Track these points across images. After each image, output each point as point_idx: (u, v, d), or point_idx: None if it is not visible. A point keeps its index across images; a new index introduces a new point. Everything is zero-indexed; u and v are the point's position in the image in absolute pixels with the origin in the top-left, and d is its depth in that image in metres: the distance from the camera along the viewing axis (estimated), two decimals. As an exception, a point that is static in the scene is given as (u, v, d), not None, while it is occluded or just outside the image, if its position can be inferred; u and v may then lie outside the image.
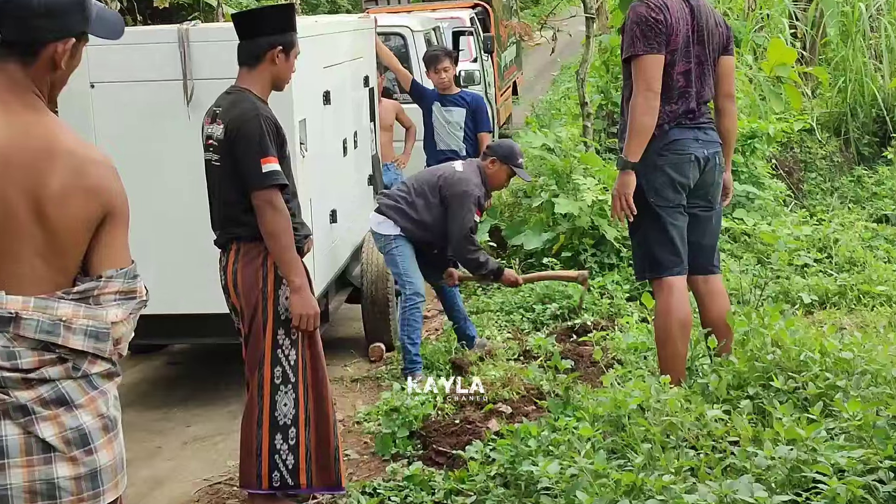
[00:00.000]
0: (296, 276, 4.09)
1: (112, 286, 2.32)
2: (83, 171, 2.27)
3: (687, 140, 4.72)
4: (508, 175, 6.09)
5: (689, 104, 4.71)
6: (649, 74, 4.59)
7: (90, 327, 2.29)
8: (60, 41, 2.31)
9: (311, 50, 5.49)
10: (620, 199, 4.70)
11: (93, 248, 2.33)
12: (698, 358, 4.84)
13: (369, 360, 6.62)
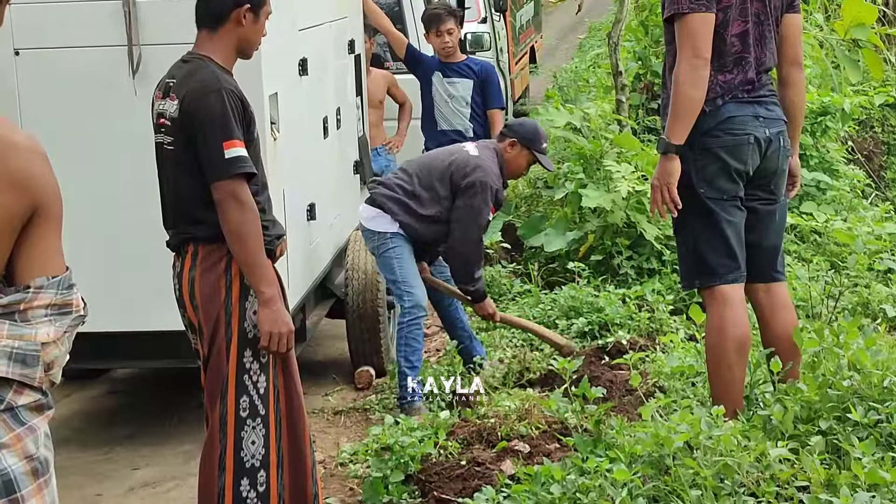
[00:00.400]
0: (265, 285, 4.08)
1: (42, 298, 2.30)
2: (3, 158, 2.26)
3: (745, 117, 4.71)
4: (529, 161, 6.16)
5: (746, 73, 4.71)
6: (697, 37, 4.59)
7: (16, 350, 2.26)
8: None
9: (284, 8, 5.50)
10: (662, 191, 4.69)
11: (18, 251, 2.31)
12: (759, 384, 4.84)
13: (356, 387, 6.63)
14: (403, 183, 6.10)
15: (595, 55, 16.93)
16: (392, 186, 6.12)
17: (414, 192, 6.04)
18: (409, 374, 5.93)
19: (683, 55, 4.60)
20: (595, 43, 20.04)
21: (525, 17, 15.54)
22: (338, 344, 7.31)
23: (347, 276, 6.63)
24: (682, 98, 4.60)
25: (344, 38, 6.99)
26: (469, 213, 5.91)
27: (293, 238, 5.61)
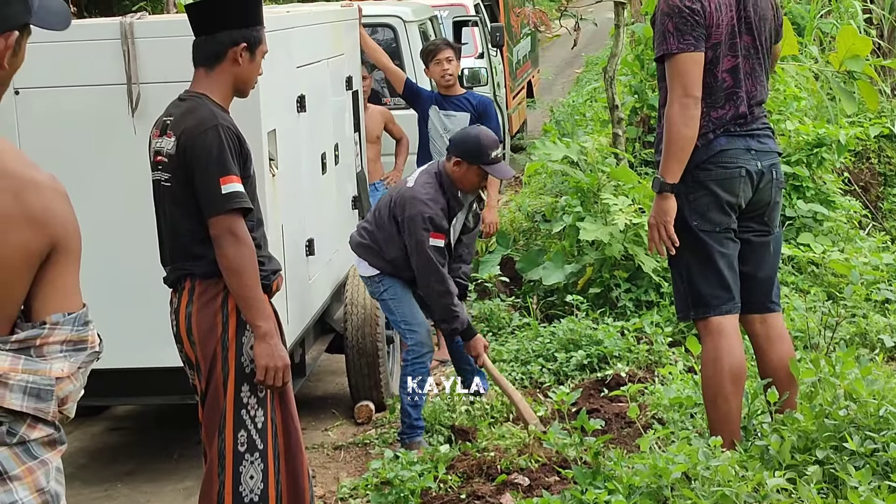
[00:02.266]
0: (261, 320, 4.11)
1: (58, 334, 2.33)
2: (23, 196, 2.30)
3: (737, 150, 4.75)
4: (479, 175, 5.89)
5: (738, 108, 4.75)
6: (687, 77, 4.63)
7: (31, 384, 2.28)
8: (1, 36, 2.34)
9: (282, 46, 5.55)
10: (659, 229, 4.74)
11: (36, 288, 2.34)
12: (756, 415, 4.85)
13: (355, 422, 6.63)
14: (367, 226, 6.07)
15: (592, 89, 16.99)
16: (360, 232, 6.11)
17: (375, 236, 5.99)
18: (411, 411, 5.93)
19: (674, 95, 4.64)
20: (592, 77, 20.13)
21: (522, 52, 15.62)
22: (337, 379, 7.31)
23: (346, 310, 6.64)
24: (674, 137, 4.64)
25: (341, 75, 7.04)
26: (414, 249, 5.81)
27: (292, 273, 5.63)
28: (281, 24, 5.78)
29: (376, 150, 8.34)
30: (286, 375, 4.17)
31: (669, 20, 4.64)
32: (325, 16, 6.97)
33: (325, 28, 6.83)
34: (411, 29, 9.44)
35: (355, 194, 7.27)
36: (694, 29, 4.63)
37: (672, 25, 4.63)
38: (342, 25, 7.18)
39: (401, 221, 5.87)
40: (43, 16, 2.44)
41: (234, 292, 4.10)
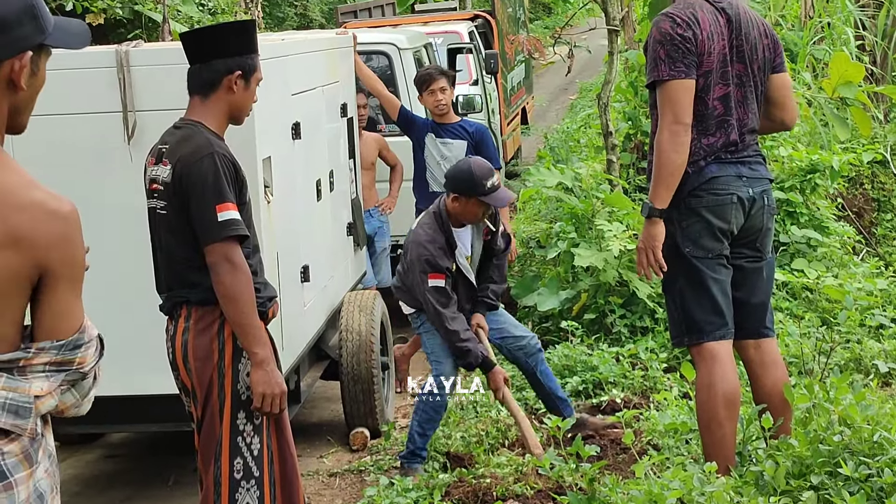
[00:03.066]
0: (258, 346, 4.12)
1: (41, 357, 2.39)
2: (14, 217, 2.32)
3: (728, 177, 4.77)
4: (479, 207, 5.92)
5: (729, 135, 4.77)
6: (677, 104, 4.66)
7: (9, 401, 2.34)
8: (16, 57, 2.40)
9: (277, 74, 5.57)
10: (647, 254, 4.77)
11: (33, 310, 2.40)
12: (751, 440, 4.86)
13: (350, 449, 6.62)
14: (400, 270, 6.20)
15: (586, 116, 17.08)
16: (397, 275, 6.26)
17: (403, 278, 6.12)
18: (417, 438, 5.93)
19: (664, 121, 4.67)
20: (585, 104, 20.20)
21: (516, 78, 15.68)
22: (332, 405, 7.31)
23: (341, 337, 6.65)
24: (664, 163, 4.67)
25: (336, 102, 7.06)
26: (417, 291, 5.94)
27: (287, 300, 5.64)
28: (276, 51, 5.81)
29: (371, 177, 8.37)
30: (283, 402, 4.18)
31: (661, 47, 4.67)
32: (319, 43, 6.99)
33: (320, 55, 6.86)
34: (406, 56, 9.48)
35: (350, 221, 7.29)
36: (685, 56, 4.66)
37: (664, 52, 4.66)
38: (337, 53, 7.21)
39: (406, 264, 6.02)
40: (59, 36, 2.49)
41: (231, 319, 4.12)
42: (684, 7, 4.73)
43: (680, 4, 4.76)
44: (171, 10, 11.60)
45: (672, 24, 4.68)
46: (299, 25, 21.06)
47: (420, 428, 5.94)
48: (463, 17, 13.64)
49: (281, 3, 21.63)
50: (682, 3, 4.76)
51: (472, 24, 13.06)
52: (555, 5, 37.60)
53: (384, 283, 8.57)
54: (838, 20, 13.42)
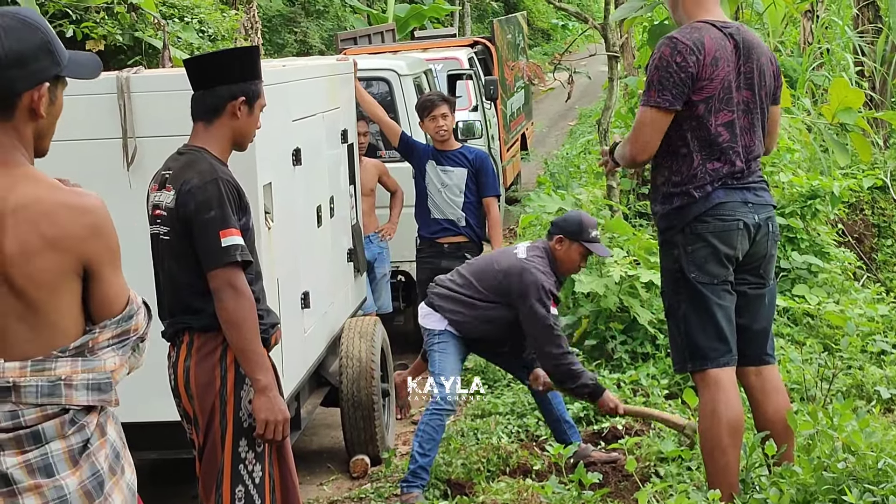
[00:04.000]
0: (261, 373, 4.11)
1: (104, 334, 2.73)
2: (43, 222, 2.62)
3: (734, 203, 4.78)
4: (581, 253, 6.15)
5: (734, 163, 4.77)
6: (646, 136, 4.75)
7: (92, 381, 2.70)
8: (34, 89, 2.69)
9: (278, 100, 5.57)
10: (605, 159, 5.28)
11: (87, 298, 2.70)
12: (754, 467, 4.84)
13: (351, 476, 6.61)
14: (455, 285, 6.23)
15: (585, 141, 17.11)
16: (446, 286, 6.26)
17: (465, 293, 6.16)
18: (418, 458, 5.92)
19: (630, 146, 4.84)
20: (585, 129, 20.25)
21: (515, 104, 15.72)
22: (332, 432, 7.29)
23: (342, 363, 6.63)
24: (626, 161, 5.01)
25: (337, 128, 7.07)
26: (531, 320, 5.95)
27: (287, 326, 5.62)
28: (277, 77, 5.82)
29: (371, 203, 8.38)
30: (286, 429, 4.17)
31: (656, 72, 4.70)
32: (320, 69, 7.01)
33: (321, 82, 6.88)
34: (406, 82, 9.50)
35: (350, 247, 7.29)
36: (675, 86, 4.66)
37: (656, 77, 4.69)
38: (338, 79, 7.23)
39: (515, 294, 6.00)
40: (73, 68, 2.80)
41: (234, 345, 4.11)
42: (690, 31, 4.74)
43: (687, 29, 4.77)
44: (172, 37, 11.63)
45: (672, 50, 4.68)
46: (299, 52, 21.11)
47: (421, 448, 5.94)
48: (463, 44, 13.68)
49: (281, 30, 21.68)
50: (690, 27, 4.77)
51: (471, 50, 13.10)
52: (554, 32, 37.80)
53: (384, 310, 8.56)
54: (837, 46, 13.49)
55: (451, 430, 6.62)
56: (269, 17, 21.46)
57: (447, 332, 6.15)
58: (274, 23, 21.66)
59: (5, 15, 2.69)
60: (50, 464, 2.64)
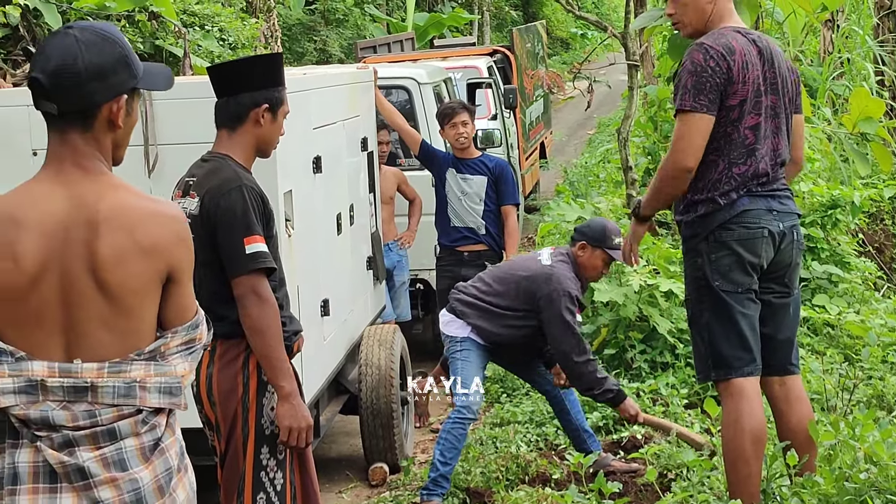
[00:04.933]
0: (284, 380, 4.11)
1: (175, 340, 2.84)
2: (137, 229, 2.76)
3: (759, 211, 4.76)
4: (604, 260, 6.15)
5: (758, 165, 4.75)
6: (689, 141, 4.70)
7: (163, 384, 2.80)
8: (113, 101, 2.81)
9: (299, 108, 5.58)
10: (631, 246, 5.10)
11: (163, 304, 2.82)
12: (775, 478, 4.83)
13: (369, 484, 6.60)
14: (478, 291, 6.22)
15: (605, 150, 17.10)
16: (469, 293, 6.24)
17: (488, 300, 6.16)
18: (440, 466, 5.92)
19: (672, 155, 4.75)
20: (604, 138, 20.24)
21: (535, 113, 15.71)
22: (351, 440, 7.29)
23: (361, 371, 6.64)
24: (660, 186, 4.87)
25: (357, 136, 7.08)
26: (557, 326, 5.95)
27: (307, 334, 5.62)
28: (298, 86, 5.83)
29: (390, 211, 8.38)
30: (308, 436, 4.17)
31: (690, 77, 4.68)
32: (341, 78, 7.03)
33: (342, 90, 6.89)
34: (426, 91, 9.51)
35: (370, 255, 7.29)
36: (711, 91, 4.65)
37: (690, 82, 4.67)
38: (358, 87, 7.24)
39: (541, 299, 6.01)
40: (148, 79, 2.93)
41: (258, 352, 4.11)
42: (717, 37, 4.73)
43: (714, 35, 4.76)
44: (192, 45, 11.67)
45: (705, 55, 4.68)
46: (318, 60, 21.16)
47: (442, 456, 5.93)
48: (482, 53, 13.68)
49: (300, 38, 21.74)
50: (716, 33, 4.77)
51: (490, 59, 13.09)
52: (573, 41, 37.80)
53: (403, 318, 8.56)
54: (858, 56, 13.44)
55: (470, 438, 6.62)
56: (289, 25, 21.52)
57: (469, 339, 6.14)
58: (294, 31, 21.72)
59: (85, 29, 2.80)
60: (124, 458, 2.75)
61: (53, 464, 2.70)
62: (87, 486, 2.70)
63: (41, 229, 2.73)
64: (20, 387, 2.71)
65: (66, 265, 2.72)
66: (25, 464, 2.72)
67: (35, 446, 2.72)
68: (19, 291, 2.72)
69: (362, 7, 24.04)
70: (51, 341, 2.74)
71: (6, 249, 2.72)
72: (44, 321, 2.73)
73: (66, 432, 2.71)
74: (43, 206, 2.76)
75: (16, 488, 2.71)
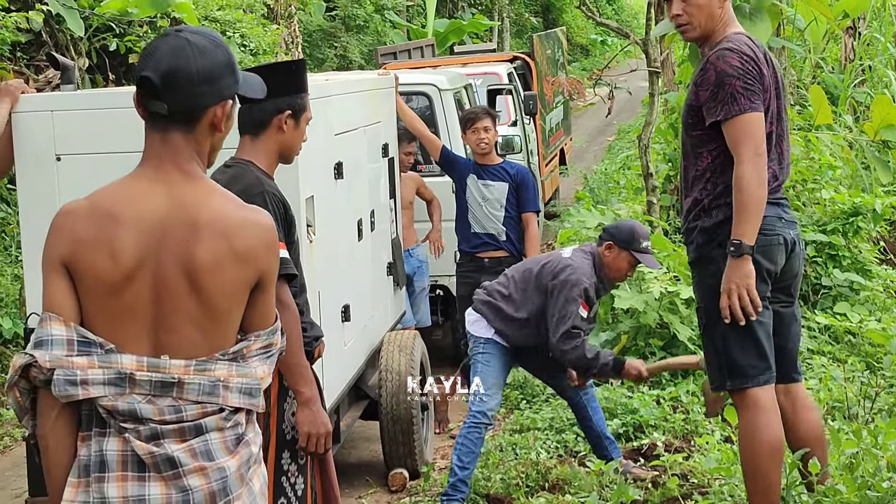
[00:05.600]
0: (304, 386, 4.12)
1: (257, 343, 2.94)
2: (234, 236, 2.85)
3: (773, 218, 4.74)
4: (630, 263, 6.13)
5: (773, 171, 4.74)
6: (757, 136, 4.61)
7: (244, 385, 2.89)
8: (219, 105, 2.91)
9: (320, 114, 5.59)
10: (741, 293, 4.60)
11: (246, 309, 2.92)
12: (794, 486, 4.81)
13: (389, 490, 6.60)
14: (501, 287, 6.24)
15: (625, 157, 17.08)
16: (491, 291, 6.25)
17: (509, 295, 6.16)
18: (458, 471, 5.92)
19: (745, 155, 4.58)
20: (624, 145, 20.21)
21: (554, 120, 15.70)
22: (371, 446, 7.29)
23: (381, 377, 6.64)
24: (749, 198, 4.57)
25: (378, 142, 7.09)
26: (555, 309, 5.94)
27: (328, 339, 5.62)
28: (319, 91, 5.83)
29: (409, 217, 8.38)
30: (328, 442, 4.18)
31: (737, 80, 4.60)
32: (362, 84, 7.04)
33: (363, 96, 6.90)
34: (446, 97, 9.51)
35: (390, 260, 7.29)
36: (758, 91, 4.62)
37: (740, 85, 4.59)
38: (379, 93, 7.25)
39: (553, 286, 6.00)
40: (246, 87, 3.08)
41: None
42: (742, 44, 4.69)
43: (735, 41, 4.70)
44: (214, 51, 11.71)
45: (741, 58, 4.63)
46: (339, 66, 21.20)
47: (460, 461, 5.94)
48: (502, 59, 13.68)
49: (321, 45, 21.78)
50: (737, 40, 4.71)
51: (511, 65, 13.10)
52: (593, 47, 37.77)
53: (423, 324, 8.55)
54: (879, 63, 13.41)
55: (490, 444, 6.61)
56: (310, 31, 21.57)
57: (493, 341, 6.13)
58: (314, 37, 21.77)
59: (196, 33, 2.90)
60: (210, 450, 2.83)
61: (142, 454, 2.77)
62: (177, 476, 2.78)
63: (139, 226, 2.80)
64: (110, 378, 2.77)
65: (161, 264, 2.80)
66: (114, 452, 2.79)
67: (122, 437, 2.78)
68: (114, 286, 2.78)
69: (383, 13, 24.08)
70: (139, 336, 2.81)
71: (104, 245, 2.78)
72: (135, 316, 2.80)
73: (153, 425, 2.79)
74: (141, 204, 2.82)
75: (104, 475, 2.78)
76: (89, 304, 2.81)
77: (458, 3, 30.41)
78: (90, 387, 2.77)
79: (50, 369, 2.77)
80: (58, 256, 2.81)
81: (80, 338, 2.79)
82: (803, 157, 9.82)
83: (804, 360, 7.73)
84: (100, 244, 2.79)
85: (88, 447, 2.81)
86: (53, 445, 2.82)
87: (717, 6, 4.76)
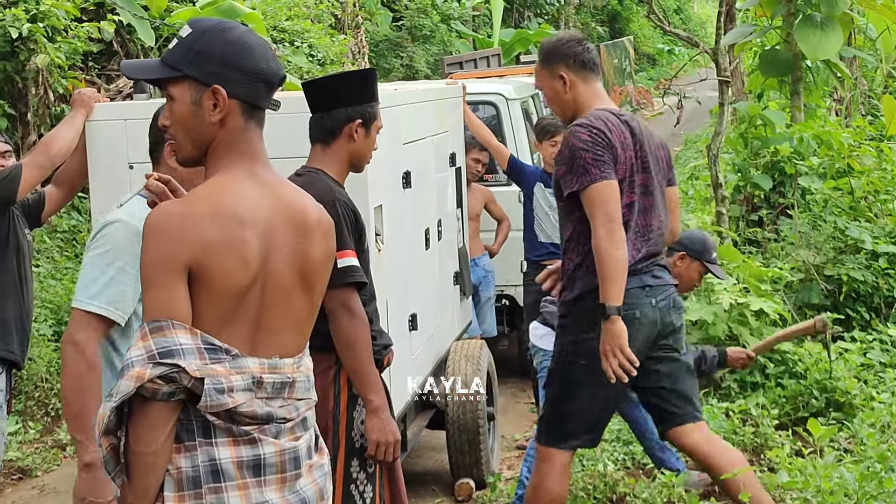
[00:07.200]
0: (374, 394, 4.13)
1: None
2: (329, 237, 2.96)
3: (635, 290, 4.85)
4: (700, 273, 6.17)
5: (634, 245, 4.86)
6: (609, 204, 4.72)
7: (308, 379, 2.94)
8: None
9: (389, 123, 5.60)
10: (616, 353, 4.68)
11: None
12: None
13: (456, 499, 6.60)
14: None
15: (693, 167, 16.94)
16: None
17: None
18: (527, 485, 5.90)
19: (598, 222, 4.70)
20: (691, 155, 20.08)
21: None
22: (437, 455, 7.29)
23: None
24: (608, 260, 4.67)
25: (445, 152, 7.10)
26: None
27: (395, 348, 5.64)
28: (389, 101, 5.85)
29: (475, 227, 8.38)
30: (396, 451, 4.19)
31: (586, 153, 4.73)
32: (430, 93, 7.05)
33: (431, 105, 6.91)
34: (513, 106, 9.50)
35: (457, 270, 7.30)
36: (608, 160, 4.74)
37: (590, 157, 4.72)
38: (447, 103, 7.26)
39: None
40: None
41: (348, 366, 4.14)
42: (595, 119, 4.83)
43: (590, 116, 4.85)
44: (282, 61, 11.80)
45: (590, 132, 4.76)
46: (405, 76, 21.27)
47: (529, 473, 5.90)
48: (569, 68, 13.61)
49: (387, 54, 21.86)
50: (592, 115, 4.86)
51: (577, 74, 13.03)
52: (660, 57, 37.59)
53: (489, 333, 8.54)
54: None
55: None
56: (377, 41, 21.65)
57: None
58: (381, 47, 21.85)
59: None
60: (311, 446, 2.91)
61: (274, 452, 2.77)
62: (297, 476, 2.81)
63: (257, 229, 2.75)
64: (247, 384, 2.73)
65: (273, 266, 2.78)
66: (228, 460, 2.72)
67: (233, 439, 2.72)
68: (242, 289, 2.72)
69: (449, 23, 24.11)
70: (242, 338, 2.75)
71: (236, 248, 2.71)
72: (246, 318, 2.75)
73: (280, 424, 2.80)
74: (254, 204, 2.77)
75: (220, 485, 2.70)
76: (208, 308, 2.70)
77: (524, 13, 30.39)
78: (235, 394, 2.70)
79: (199, 378, 2.65)
80: (182, 260, 2.66)
81: (206, 345, 2.69)
82: (875, 168, 9.71)
83: (876, 373, 7.65)
84: (231, 247, 2.70)
85: (191, 458, 2.70)
86: (162, 462, 2.68)
87: (562, 93, 5.01)
